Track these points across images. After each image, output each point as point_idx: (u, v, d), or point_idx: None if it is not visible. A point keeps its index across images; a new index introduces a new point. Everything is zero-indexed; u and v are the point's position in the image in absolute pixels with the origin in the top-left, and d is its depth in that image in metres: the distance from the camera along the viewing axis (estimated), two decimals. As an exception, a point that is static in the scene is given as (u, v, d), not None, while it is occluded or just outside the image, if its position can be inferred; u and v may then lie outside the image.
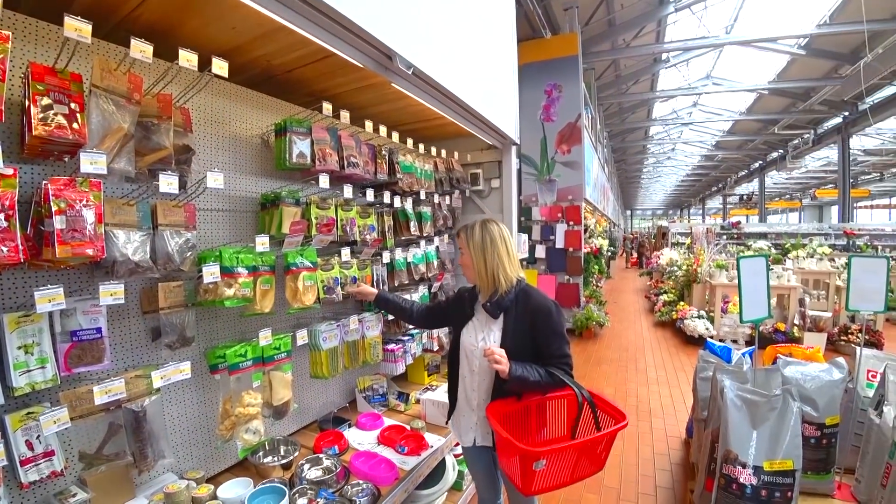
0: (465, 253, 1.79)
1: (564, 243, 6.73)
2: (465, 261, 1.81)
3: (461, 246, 1.82)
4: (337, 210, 2.08)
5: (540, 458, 1.48)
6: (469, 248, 1.76)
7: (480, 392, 1.79)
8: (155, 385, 1.39)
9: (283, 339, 1.86)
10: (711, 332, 6.48)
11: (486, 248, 1.73)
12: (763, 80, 13.30)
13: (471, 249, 1.75)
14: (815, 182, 26.87)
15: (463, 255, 1.82)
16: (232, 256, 1.63)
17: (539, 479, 1.52)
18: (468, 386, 1.83)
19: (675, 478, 3.16)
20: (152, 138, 1.52)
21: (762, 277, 2.27)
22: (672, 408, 4.39)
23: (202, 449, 1.89)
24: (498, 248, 1.74)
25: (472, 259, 1.75)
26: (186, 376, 1.48)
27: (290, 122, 1.89)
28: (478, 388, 1.79)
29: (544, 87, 7.05)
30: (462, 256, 1.83)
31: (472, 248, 1.75)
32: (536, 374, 1.64)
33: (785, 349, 3.12)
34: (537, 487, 1.54)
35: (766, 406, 2.14)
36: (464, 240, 1.79)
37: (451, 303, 2.04)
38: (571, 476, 1.60)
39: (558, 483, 1.58)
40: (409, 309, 2.12)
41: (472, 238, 1.75)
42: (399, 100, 2.35)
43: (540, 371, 1.66)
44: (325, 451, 2.11)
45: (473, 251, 1.74)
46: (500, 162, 3.42)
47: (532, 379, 1.63)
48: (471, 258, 1.76)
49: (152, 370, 1.48)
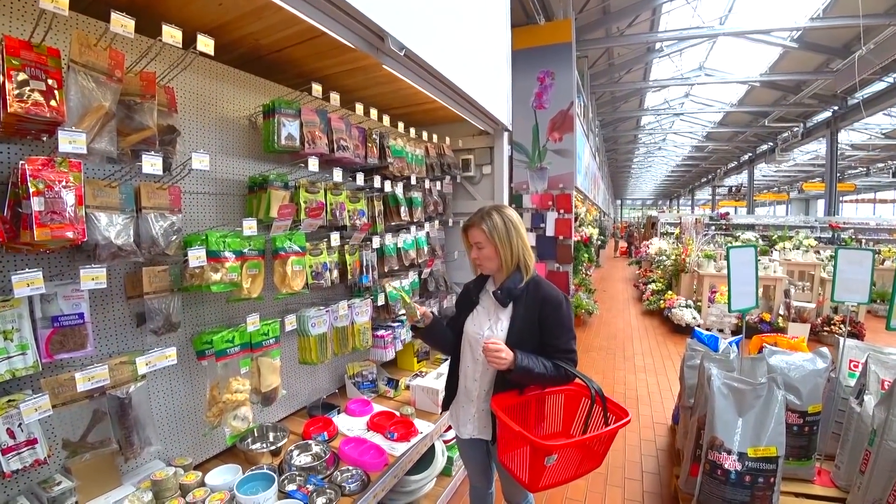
0: (485, 245, 1.68)
1: (555, 231, 6.74)
2: (486, 254, 1.69)
3: (478, 240, 1.69)
4: (326, 194, 2.04)
5: (553, 452, 1.44)
6: (493, 238, 1.65)
7: (483, 383, 1.76)
8: (140, 371, 1.36)
9: (271, 324, 1.84)
10: (699, 321, 6.57)
11: (510, 234, 1.66)
12: (755, 73, 13.34)
13: (496, 239, 1.65)
14: (802, 175, 27.22)
15: (482, 248, 1.69)
16: (219, 240, 1.60)
17: (547, 474, 1.49)
18: (469, 376, 1.79)
19: (661, 463, 3.21)
20: (135, 118, 1.47)
21: (751, 268, 2.28)
22: (659, 395, 4.46)
23: (190, 436, 1.87)
24: (521, 232, 1.69)
25: (498, 249, 1.66)
26: (172, 362, 1.45)
27: (279, 104, 1.84)
28: (480, 378, 1.76)
29: (537, 74, 6.98)
30: (481, 250, 1.69)
31: (498, 237, 1.65)
32: (542, 366, 1.60)
33: (770, 339, 3.17)
34: (545, 483, 1.51)
35: (751, 394, 2.18)
36: (484, 231, 1.66)
37: (458, 305, 1.91)
38: (576, 471, 1.58)
39: (564, 479, 1.56)
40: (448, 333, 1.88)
41: (495, 228, 1.65)
42: (390, 83, 2.30)
43: (546, 363, 1.61)
44: (315, 438, 2.11)
45: (499, 240, 1.65)
46: (492, 148, 3.38)
47: (537, 371, 1.58)
48: (496, 248, 1.66)
49: (137, 356, 1.45)
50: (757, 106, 16.17)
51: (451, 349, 1.87)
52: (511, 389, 1.69)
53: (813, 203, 35.24)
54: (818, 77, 12.30)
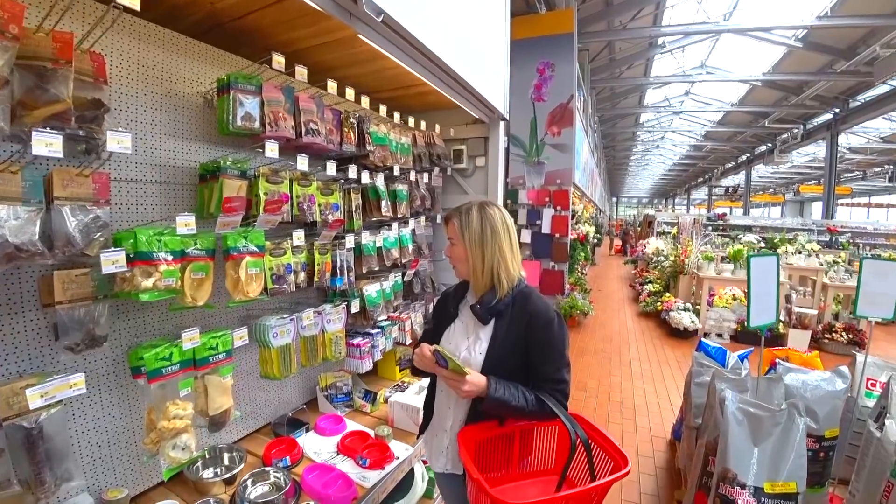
0: (456, 243, 1.46)
1: (551, 229, 6.49)
2: (456, 253, 1.47)
3: (451, 235, 1.49)
4: (292, 185, 1.76)
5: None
6: (464, 238, 1.43)
7: (457, 412, 1.51)
8: (32, 405, 1.09)
9: (221, 336, 1.57)
10: (697, 325, 6.36)
11: (485, 239, 1.42)
12: (758, 72, 13.10)
13: (465, 240, 1.43)
14: (798, 178, 27.12)
15: (454, 245, 1.48)
16: (151, 239, 1.32)
17: None
18: (443, 402, 1.54)
19: (661, 483, 2.99)
20: (47, 88, 1.19)
21: (772, 279, 2.04)
22: (657, 405, 4.24)
23: (127, 463, 1.61)
24: (500, 240, 1.43)
25: (467, 252, 1.43)
26: (78, 392, 1.18)
27: (236, 78, 1.56)
28: (454, 407, 1.51)
29: (536, 66, 6.71)
30: (453, 247, 1.49)
31: (468, 238, 1.43)
32: (522, 398, 1.34)
33: (781, 353, 2.95)
34: None
35: (769, 421, 1.94)
36: (456, 227, 1.45)
37: (434, 315, 1.70)
38: None
39: None
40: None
41: (467, 226, 1.43)
42: (373, 60, 2.02)
43: (528, 396, 1.36)
44: (275, 463, 1.85)
45: (469, 242, 1.43)
46: (487, 138, 3.10)
47: (514, 404, 1.33)
48: (465, 250, 1.44)
49: (44, 381, 1.19)
50: (758, 106, 15.97)
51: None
52: (486, 420, 1.44)
53: (808, 205, 35.23)
54: (822, 78, 12.08)
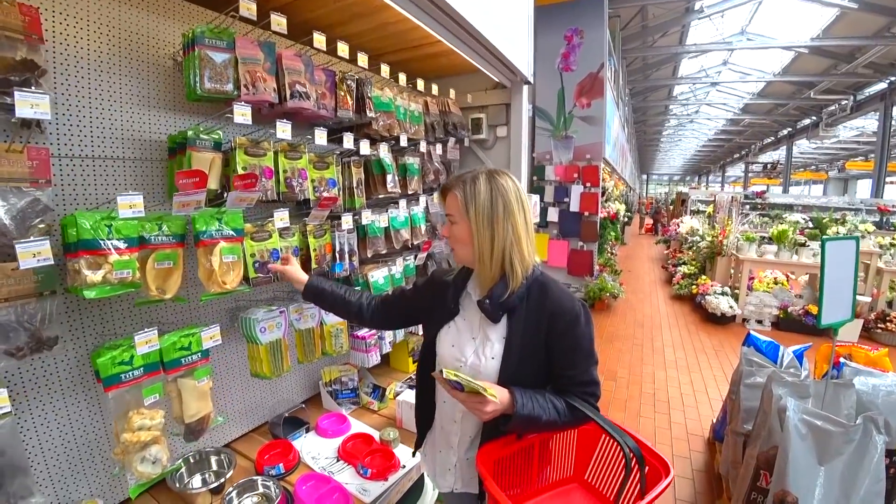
0: (458, 221, 1.16)
1: (580, 206, 6.10)
2: (457, 233, 1.17)
3: (451, 210, 1.17)
4: (277, 158, 1.51)
5: None
6: (468, 213, 1.12)
7: (465, 426, 1.26)
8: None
9: (194, 335, 1.36)
10: (735, 310, 5.94)
11: (495, 216, 1.11)
12: (804, 37, 12.06)
13: (471, 216, 1.12)
14: (844, 154, 25.41)
15: (455, 223, 1.17)
16: (98, 224, 1.10)
17: None
18: (447, 415, 1.29)
19: (698, 489, 2.71)
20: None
21: (849, 268, 1.70)
22: (693, 398, 3.93)
23: (102, 472, 1.44)
24: (514, 218, 1.12)
25: (472, 232, 1.13)
26: (3, 410, 0.98)
27: (202, 32, 1.31)
28: (461, 420, 1.26)
29: (564, 33, 6.22)
30: (453, 226, 1.18)
31: (475, 214, 1.12)
32: (553, 410, 1.09)
33: (844, 349, 2.59)
34: None
35: (840, 437, 1.63)
36: (458, 200, 1.14)
37: (419, 291, 1.42)
38: None
39: None
40: (355, 303, 1.45)
41: (473, 199, 1.11)
42: (375, 13, 1.74)
43: (557, 405, 1.10)
44: (267, 471, 1.66)
45: (475, 220, 1.12)
46: (509, 105, 2.77)
47: (545, 419, 1.08)
48: (470, 230, 1.13)
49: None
50: (803, 75, 14.82)
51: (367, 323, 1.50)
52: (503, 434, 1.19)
53: (852, 183, 33.18)
54: (878, 43, 11.05)
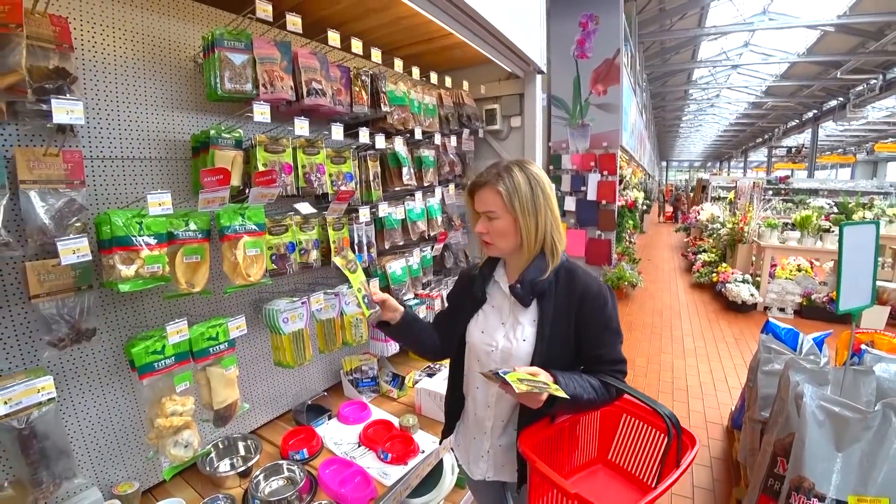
0: (501, 215, 1.19)
1: (597, 195, 6.06)
2: (501, 227, 1.20)
3: (492, 207, 1.20)
4: (296, 154, 1.56)
5: None
6: (513, 206, 1.17)
7: (499, 411, 1.31)
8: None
9: (221, 326, 1.42)
10: (757, 298, 5.86)
11: (538, 201, 1.18)
12: (830, 15, 11.62)
13: (516, 208, 1.17)
14: (873, 136, 24.51)
15: (495, 219, 1.20)
16: (130, 221, 1.17)
17: None
18: (480, 402, 1.34)
19: (716, 476, 2.72)
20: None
21: (869, 253, 1.68)
22: (712, 387, 3.91)
23: (137, 457, 1.53)
24: (550, 202, 1.22)
25: (519, 222, 1.18)
26: (48, 396, 1.05)
27: (221, 35, 1.36)
28: (495, 405, 1.31)
29: (579, 19, 6.14)
30: (493, 221, 1.21)
31: (520, 205, 1.17)
32: (591, 389, 1.16)
33: (866, 336, 2.55)
34: None
35: (858, 424, 1.63)
36: (503, 196, 1.17)
37: (451, 297, 1.49)
38: None
39: None
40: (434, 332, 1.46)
41: (516, 191, 1.17)
42: (385, 9, 1.76)
43: (594, 384, 1.17)
44: (292, 456, 1.73)
45: (522, 210, 1.17)
46: (522, 95, 2.77)
47: (586, 397, 1.14)
48: (516, 222, 1.19)
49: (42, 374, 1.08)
50: (829, 55, 14.30)
51: (440, 355, 1.46)
52: (539, 418, 1.23)
53: (882, 166, 31.99)
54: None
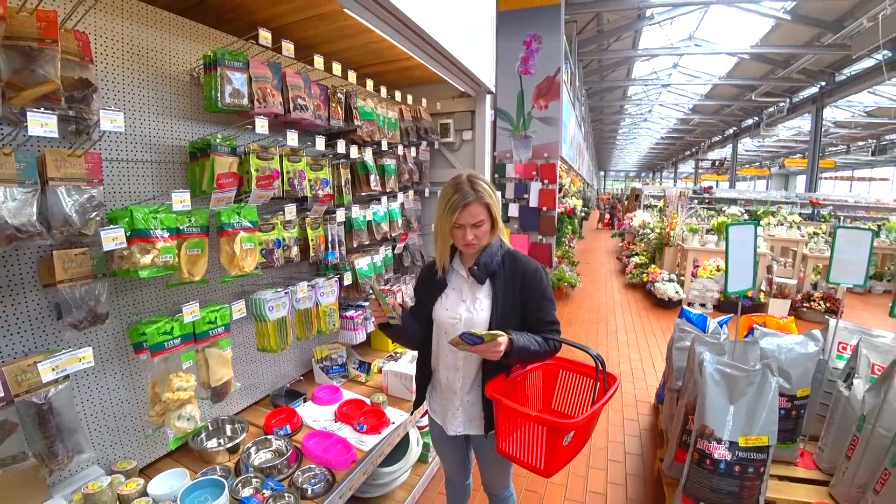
0: (485, 222, 1.45)
1: (538, 202, 6.54)
2: (486, 229, 1.48)
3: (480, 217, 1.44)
4: (282, 161, 1.78)
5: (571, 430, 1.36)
6: (493, 212, 1.46)
7: (466, 372, 1.57)
8: (45, 379, 1.13)
9: (219, 311, 1.62)
10: (681, 295, 6.53)
11: (499, 205, 1.51)
12: (746, 44, 13.05)
13: (494, 213, 1.47)
14: (784, 151, 27.31)
15: (480, 225, 1.45)
16: (147, 217, 1.35)
17: (562, 455, 1.40)
18: (449, 366, 1.59)
19: (644, 444, 3.14)
20: (34, 68, 1.20)
21: (749, 247, 2.12)
22: (642, 371, 4.40)
23: (133, 436, 1.67)
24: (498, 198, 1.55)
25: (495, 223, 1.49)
26: (88, 365, 1.23)
27: (223, 55, 1.56)
28: (462, 367, 1.57)
29: (524, 38, 6.63)
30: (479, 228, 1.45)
31: (496, 209, 1.47)
32: (535, 342, 1.45)
33: (759, 318, 3.07)
34: (559, 465, 1.42)
35: (744, 380, 2.05)
36: (492, 206, 1.46)
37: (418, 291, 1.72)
38: (580, 445, 1.51)
39: (572, 455, 1.48)
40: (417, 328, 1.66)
41: (492, 198, 1.46)
42: (358, 35, 2.02)
43: (537, 339, 1.47)
44: (276, 432, 1.93)
45: (496, 212, 1.48)
46: (474, 112, 3.12)
47: (533, 348, 1.43)
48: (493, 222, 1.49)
49: (54, 355, 1.23)
50: (745, 79, 15.95)
51: (421, 343, 1.68)
52: (498, 374, 1.54)
53: (793, 179, 35.58)
54: (809, 51, 12.09)
